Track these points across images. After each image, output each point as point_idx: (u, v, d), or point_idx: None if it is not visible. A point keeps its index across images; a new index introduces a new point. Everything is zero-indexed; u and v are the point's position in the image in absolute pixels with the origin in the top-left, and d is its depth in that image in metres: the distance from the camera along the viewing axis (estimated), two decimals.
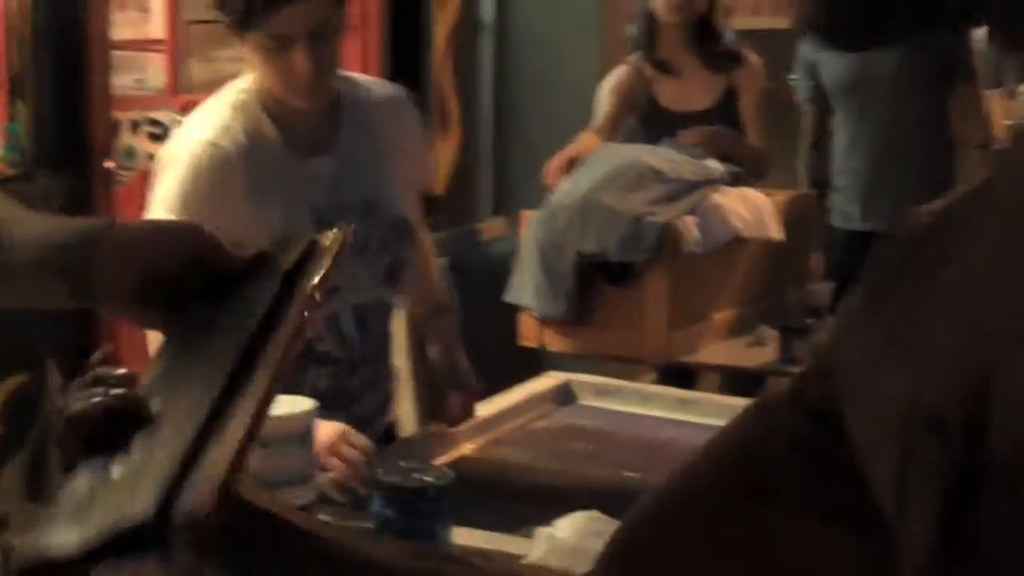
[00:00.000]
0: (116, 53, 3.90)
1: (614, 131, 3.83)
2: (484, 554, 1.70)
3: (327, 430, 2.00)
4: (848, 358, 0.75)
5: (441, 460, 2.31)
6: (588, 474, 2.31)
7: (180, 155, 2.17)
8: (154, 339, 2.19)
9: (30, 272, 0.90)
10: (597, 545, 1.60)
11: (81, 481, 0.77)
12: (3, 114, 3.59)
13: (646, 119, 3.85)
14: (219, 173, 2.14)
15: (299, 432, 1.76)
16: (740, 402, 2.64)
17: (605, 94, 3.90)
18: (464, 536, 1.83)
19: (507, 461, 2.38)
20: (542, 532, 1.64)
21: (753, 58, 3.97)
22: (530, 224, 3.42)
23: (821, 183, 4.35)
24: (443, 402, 2.41)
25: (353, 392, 2.31)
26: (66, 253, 0.89)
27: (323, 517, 1.78)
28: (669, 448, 2.43)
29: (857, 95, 4.21)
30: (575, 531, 1.62)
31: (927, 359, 0.67)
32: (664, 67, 3.87)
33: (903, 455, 0.67)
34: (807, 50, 4.35)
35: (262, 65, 2.17)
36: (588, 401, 2.70)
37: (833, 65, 4.24)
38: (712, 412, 2.59)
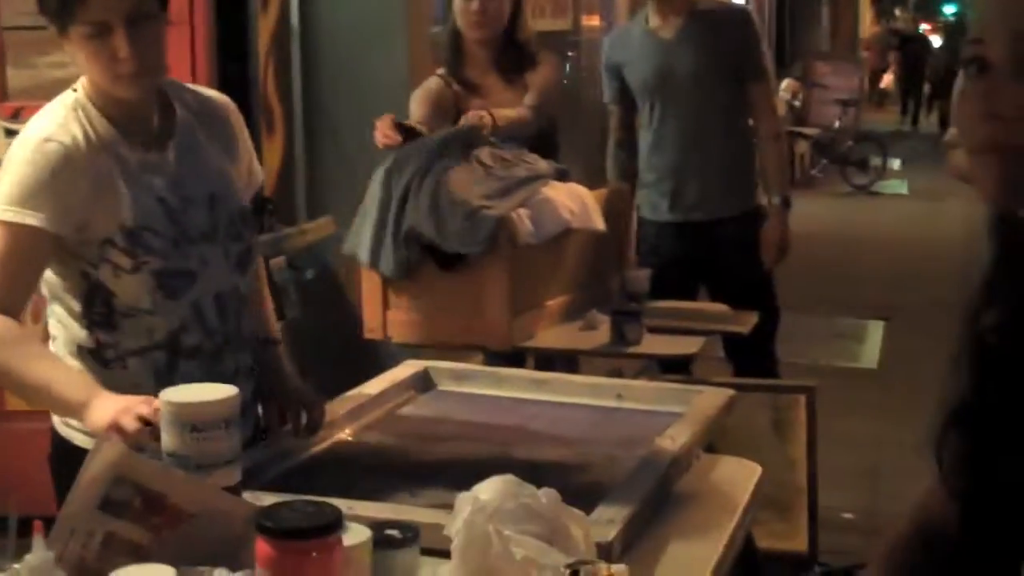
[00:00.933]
0: None
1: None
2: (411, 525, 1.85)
3: (106, 412, 2.05)
4: None
5: (319, 446, 2.44)
6: (458, 451, 2.44)
7: (19, 153, 2.24)
8: None
9: None
10: (513, 505, 1.77)
11: None
12: None
13: None
14: (57, 165, 2.21)
15: (226, 417, 1.86)
16: (589, 380, 2.85)
17: (417, 103, 3.98)
18: (370, 509, 1.96)
19: (382, 443, 2.50)
20: (465, 496, 1.78)
21: (548, 58, 4.10)
22: (375, 180, 3.51)
23: (628, 178, 4.58)
24: (288, 418, 2.44)
25: (227, 381, 2.36)
26: None
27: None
28: (528, 425, 2.60)
29: (660, 95, 4.42)
30: (496, 493, 1.76)
31: None
32: (469, 86, 4.01)
33: None
34: (612, 53, 4.57)
35: (87, 59, 2.23)
36: (447, 386, 2.84)
37: (637, 67, 4.45)
38: (563, 390, 2.77)
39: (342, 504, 1.89)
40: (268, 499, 1.89)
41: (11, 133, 4.16)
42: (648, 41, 4.43)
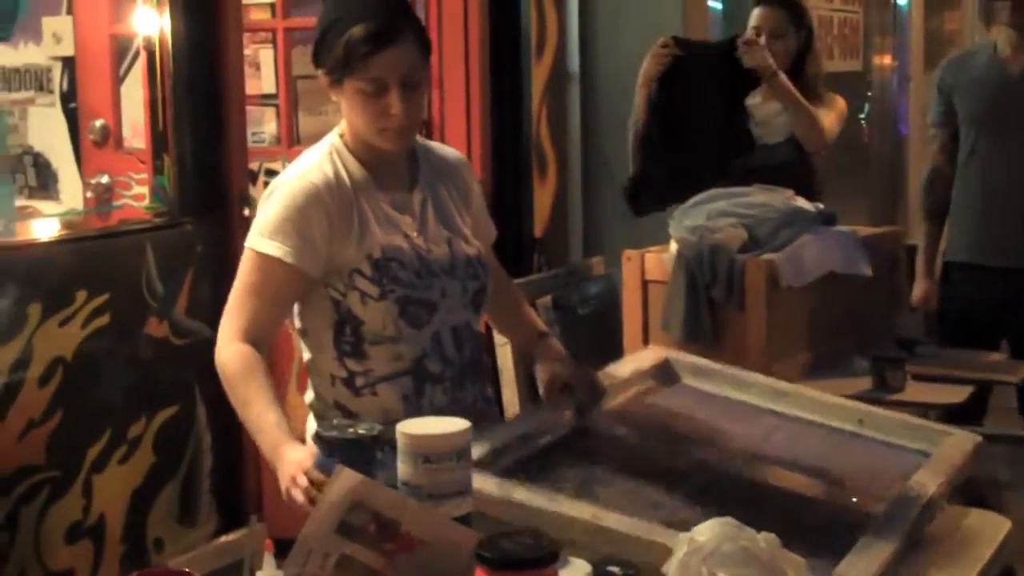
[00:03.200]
0: None
1: None
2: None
3: (282, 477, 2.13)
4: None
5: (560, 432, 2.44)
6: (699, 459, 2.43)
7: (276, 189, 2.41)
8: None
9: None
10: (730, 548, 1.77)
11: None
12: (151, 167, 3.84)
13: None
14: (309, 202, 2.36)
15: (459, 449, 1.93)
16: (830, 399, 2.76)
17: None
18: (612, 520, 1.97)
19: (622, 440, 2.54)
20: (682, 536, 1.80)
21: (834, 101, 4.11)
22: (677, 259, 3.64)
23: (940, 211, 4.36)
24: (574, 392, 2.52)
25: (467, 407, 2.46)
26: None
27: None
28: (768, 438, 2.56)
29: (991, 126, 4.22)
30: (713, 536, 1.78)
31: None
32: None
33: None
34: (947, 75, 4.38)
35: (356, 111, 2.39)
36: (689, 381, 2.81)
37: (974, 91, 4.26)
38: (804, 405, 2.69)
39: (587, 511, 1.96)
40: (503, 487, 2.04)
41: None
42: (994, 68, 4.25)
